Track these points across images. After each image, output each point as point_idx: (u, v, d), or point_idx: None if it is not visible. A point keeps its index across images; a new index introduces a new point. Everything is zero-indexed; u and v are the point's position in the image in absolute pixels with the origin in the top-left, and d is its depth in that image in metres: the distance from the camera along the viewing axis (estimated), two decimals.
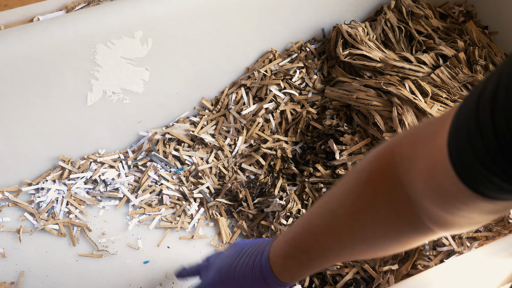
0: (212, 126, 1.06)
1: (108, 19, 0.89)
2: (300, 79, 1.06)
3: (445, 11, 1.13)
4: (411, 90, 0.92)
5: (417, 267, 0.79)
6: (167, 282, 0.90)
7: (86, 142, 1.02)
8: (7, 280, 0.89)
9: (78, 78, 0.92)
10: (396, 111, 0.90)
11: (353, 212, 0.45)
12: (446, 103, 0.91)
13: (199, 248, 0.95)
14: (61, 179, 1.00)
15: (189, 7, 0.94)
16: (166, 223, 0.97)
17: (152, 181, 1.01)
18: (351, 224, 0.46)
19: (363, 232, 0.46)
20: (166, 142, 1.05)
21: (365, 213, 0.45)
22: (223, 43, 1.02)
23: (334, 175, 0.94)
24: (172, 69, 1.00)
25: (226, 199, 0.99)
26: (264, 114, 1.03)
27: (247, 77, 1.07)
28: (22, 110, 0.91)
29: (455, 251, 0.79)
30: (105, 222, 0.97)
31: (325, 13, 1.08)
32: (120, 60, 0.94)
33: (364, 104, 0.94)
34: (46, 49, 0.86)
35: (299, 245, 0.52)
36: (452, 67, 0.99)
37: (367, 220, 0.45)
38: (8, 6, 0.93)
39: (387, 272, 0.81)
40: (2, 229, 0.94)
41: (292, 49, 1.08)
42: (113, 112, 1.00)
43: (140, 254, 0.93)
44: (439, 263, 0.78)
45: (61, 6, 0.95)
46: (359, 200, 0.45)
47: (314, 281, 0.87)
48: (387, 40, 1.06)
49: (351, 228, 0.46)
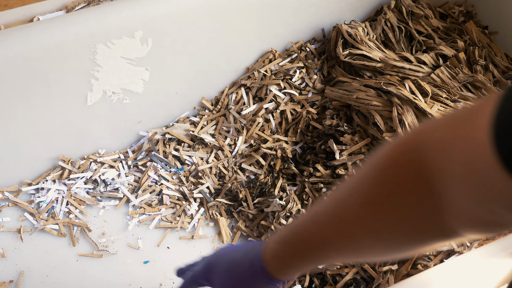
0: (212, 126, 1.06)
1: (108, 19, 0.89)
2: (300, 79, 1.06)
3: (445, 11, 1.13)
4: (411, 90, 0.92)
5: (417, 267, 0.79)
6: (167, 282, 0.90)
7: (86, 142, 1.02)
8: (7, 280, 0.89)
9: (78, 78, 0.92)
10: (396, 111, 0.90)
11: (366, 201, 0.40)
12: (446, 103, 0.91)
13: (199, 248, 0.95)
14: (61, 179, 1.00)
15: (189, 7, 0.94)
16: (166, 223, 0.97)
17: (152, 181, 1.01)
18: (361, 214, 0.41)
19: (373, 225, 0.41)
20: (166, 142, 1.05)
21: (380, 203, 0.39)
22: (223, 43, 1.02)
23: (334, 175, 0.94)
24: (172, 69, 1.00)
25: (226, 199, 0.99)
26: (264, 114, 1.03)
27: (247, 77, 1.07)
28: (22, 110, 0.91)
29: (455, 251, 0.79)
30: (105, 222, 0.97)
31: (325, 13, 1.08)
32: (120, 60, 0.94)
33: (364, 104, 0.94)
34: (46, 49, 0.86)
35: (298, 232, 0.47)
36: (452, 67, 0.99)
37: (381, 211, 0.39)
38: (8, 6, 0.93)
39: (387, 272, 0.81)
40: (2, 229, 0.94)
41: (292, 49, 1.08)
42: (113, 112, 1.00)
43: (140, 254, 0.93)
44: (439, 263, 0.78)
45: (61, 6, 0.95)
46: (374, 188, 0.39)
47: (314, 281, 0.87)
48: (387, 40, 1.06)
49: (361, 220, 0.41)
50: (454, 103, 0.91)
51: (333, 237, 0.43)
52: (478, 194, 0.32)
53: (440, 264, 0.71)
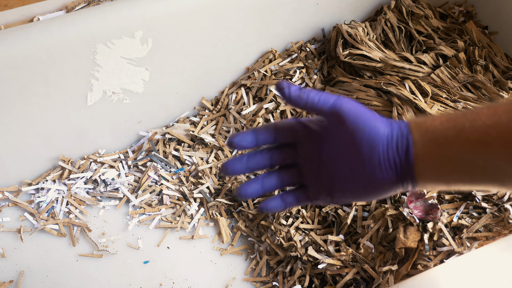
0: (212, 126, 1.06)
1: (108, 19, 0.89)
2: (300, 79, 1.06)
3: (445, 11, 1.13)
4: (411, 90, 0.92)
5: (417, 267, 0.79)
6: (167, 282, 0.90)
7: (86, 142, 1.02)
8: (7, 280, 0.89)
9: (78, 78, 0.93)
10: (396, 111, 0.90)
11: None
12: (446, 103, 0.91)
13: (199, 248, 0.95)
14: (61, 179, 1.00)
15: (189, 7, 0.94)
16: (166, 223, 0.97)
17: (152, 181, 1.01)
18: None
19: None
20: (166, 142, 1.05)
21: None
22: (223, 43, 1.02)
23: None
24: (172, 69, 1.00)
25: (226, 199, 0.99)
26: (264, 114, 1.03)
27: (247, 77, 1.07)
28: (22, 110, 0.91)
29: (455, 251, 0.79)
30: (105, 222, 0.97)
31: (325, 13, 1.08)
32: (120, 60, 0.94)
33: (364, 104, 0.94)
34: (46, 49, 0.86)
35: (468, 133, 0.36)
36: (452, 67, 0.99)
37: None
38: (8, 6, 0.93)
39: (387, 272, 0.81)
40: (2, 229, 0.94)
41: (292, 49, 1.08)
42: (113, 112, 1.00)
43: (140, 254, 0.93)
44: (439, 263, 0.78)
45: (61, 6, 0.95)
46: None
47: (314, 281, 0.87)
48: (387, 40, 1.06)
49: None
50: (454, 103, 0.91)
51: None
52: None
53: (440, 264, 0.71)
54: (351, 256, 0.84)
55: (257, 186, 0.44)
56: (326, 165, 0.43)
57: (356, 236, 0.88)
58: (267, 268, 0.92)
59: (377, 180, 0.40)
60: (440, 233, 0.80)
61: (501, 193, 0.81)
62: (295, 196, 0.45)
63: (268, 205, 0.44)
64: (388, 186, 0.40)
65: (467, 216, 0.81)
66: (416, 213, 0.81)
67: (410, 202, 0.82)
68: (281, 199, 0.45)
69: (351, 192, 0.42)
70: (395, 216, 0.83)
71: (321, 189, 0.44)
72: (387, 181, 0.40)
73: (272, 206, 0.44)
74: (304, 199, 0.45)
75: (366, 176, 0.40)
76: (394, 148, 0.39)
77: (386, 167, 0.39)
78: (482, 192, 0.82)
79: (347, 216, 0.87)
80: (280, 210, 0.45)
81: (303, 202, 0.45)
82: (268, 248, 0.93)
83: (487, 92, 0.95)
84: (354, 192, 0.42)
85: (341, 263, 0.85)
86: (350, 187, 0.42)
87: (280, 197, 0.45)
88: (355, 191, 0.42)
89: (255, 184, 0.44)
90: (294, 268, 0.88)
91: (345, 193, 0.43)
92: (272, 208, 0.44)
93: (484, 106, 0.38)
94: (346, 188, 0.42)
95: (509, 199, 0.81)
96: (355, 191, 0.42)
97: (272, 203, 0.44)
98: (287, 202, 0.45)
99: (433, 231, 0.80)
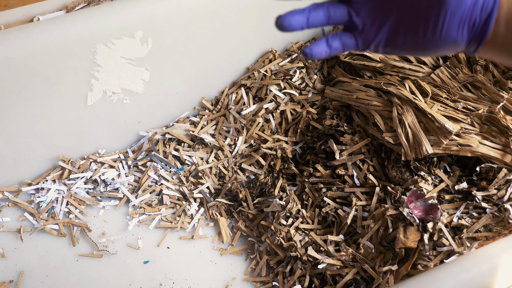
0: (212, 126, 1.06)
1: (108, 19, 0.89)
2: (300, 79, 1.06)
3: None
4: (411, 90, 0.92)
5: (417, 267, 0.79)
6: (167, 282, 0.90)
7: (86, 142, 1.02)
8: (7, 280, 0.89)
9: (78, 78, 0.93)
10: (396, 111, 0.90)
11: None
12: (446, 103, 0.91)
13: (199, 248, 0.95)
14: (61, 179, 1.00)
15: (189, 7, 0.94)
16: (166, 223, 0.97)
17: (152, 181, 1.02)
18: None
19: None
20: (166, 142, 1.05)
21: None
22: (223, 43, 1.02)
23: (334, 175, 0.94)
24: (172, 69, 1.00)
25: (226, 199, 0.99)
26: (264, 114, 1.03)
27: (247, 77, 1.07)
28: (22, 110, 0.91)
29: (455, 251, 0.79)
30: (105, 222, 0.97)
31: None
32: (120, 60, 0.94)
33: (364, 104, 0.94)
34: (46, 49, 0.86)
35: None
36: (452, 67, 0.99)
37: None
38: (8, 6, 0.93)
39: (387, 272, 0.81)
40: (2, 229, 0.94)
41: (292, 49, 1.08)
42: (113, 112, 1.00)
43: (140, 254, 0.93)
44: (439, 263, 0.78)
45: (61, 6, 0.95)
46: None
47: (314, 281, 0.87)
48: None
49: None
50: (454, 103, 0.91)
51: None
52: None
53: (440, 265, 0.71)
54: (351, 256, 0.84)
55: (302, 19, 0.40)
56: (391, 10, 0.38)
57: (356, 236, 0.88)
58: (267, 268, 0.92)
59: (448, 37, 0.37)
60: (440, 233, 0.80)
61: (501, 193, 0.81)
62: (341, 41, 0.41)
63: (313, 49, 0.40)
64: (454, 46, 0.38)
65: (467, 216, 0.81)
66: (416, 213, 0.81)
67: (410, 202, 0.82)
68: (327, 44, 0.41)
69: (410, 45, 0.39)
70: (395, 216, 0.83)
71: (376, 35, 0.39)
72: (457, 39, 0.37)
73: (317, 51, 0.40)
74: (352, 45, 0.41)
75: (437, 32, 0.37)
76: (479, 7, 0.36)
77: (464, 26, 0.36)
78: (482, 192, 0.82)
79: (347, 216, 0.87)
80: (324, 57, 0.41)
81: (349, 48, 0.41)
82: (268, 248, 0.93)
83: (487, 92, 0.95)
84: (415, 45, 0.39)
85: (341, 263, 0.85)
86: (413, 41, 0.38)
87: (326, 40, 0.41)
88: (415, 44, 0.39)
89: (300, 15, 0.40)
90: (294, 268, 0.88)
91: (404, 46, 0.39)
92: (317, 54, 0.40)
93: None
94: (407, 41, 0.39)
95: (509, 199, 0.81)
96: (415, 45, 0.39)
97: (317, 47, 0.40)
98: (333, 47, 0.41)
99: (433, 231, 0.80)
